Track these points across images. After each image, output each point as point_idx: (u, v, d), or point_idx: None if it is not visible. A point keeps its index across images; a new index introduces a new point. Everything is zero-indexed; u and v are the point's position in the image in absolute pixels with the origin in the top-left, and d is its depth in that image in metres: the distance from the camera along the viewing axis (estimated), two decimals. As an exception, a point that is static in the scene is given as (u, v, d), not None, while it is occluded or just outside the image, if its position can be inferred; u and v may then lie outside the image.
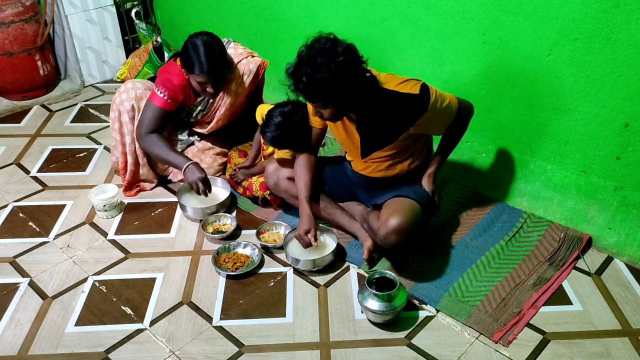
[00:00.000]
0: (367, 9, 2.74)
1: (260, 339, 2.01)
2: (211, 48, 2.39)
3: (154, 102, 2.53)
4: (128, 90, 2.61)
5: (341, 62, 1.88)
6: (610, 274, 2.27)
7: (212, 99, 2.62)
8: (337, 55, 1.88)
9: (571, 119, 2.27)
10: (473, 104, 2.36)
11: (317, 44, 1.91)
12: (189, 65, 2.42)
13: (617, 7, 1.99)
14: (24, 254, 2.41)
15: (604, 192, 2.31)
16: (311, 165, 2.33)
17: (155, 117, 2.54)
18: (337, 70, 1.87)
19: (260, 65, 2.66)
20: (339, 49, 1.89)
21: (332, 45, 1.90)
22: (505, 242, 2.39)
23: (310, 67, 1.87)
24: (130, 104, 2.60)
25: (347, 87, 1.93)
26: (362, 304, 2.02)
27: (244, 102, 2.71)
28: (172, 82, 2.51)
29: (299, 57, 1.93)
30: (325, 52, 1.88)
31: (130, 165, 2.68)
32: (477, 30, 2.39)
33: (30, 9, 3.42)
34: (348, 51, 1.91)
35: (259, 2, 3.27)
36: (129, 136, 2.63)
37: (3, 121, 3.44)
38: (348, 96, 1.96)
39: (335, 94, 1.93)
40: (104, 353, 1.96)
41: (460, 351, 1.95)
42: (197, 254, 2.41)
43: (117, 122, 2.63)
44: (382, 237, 2.10)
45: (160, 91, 2.51)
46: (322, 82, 1.88)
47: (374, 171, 2.23)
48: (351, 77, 1.92)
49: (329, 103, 1.97)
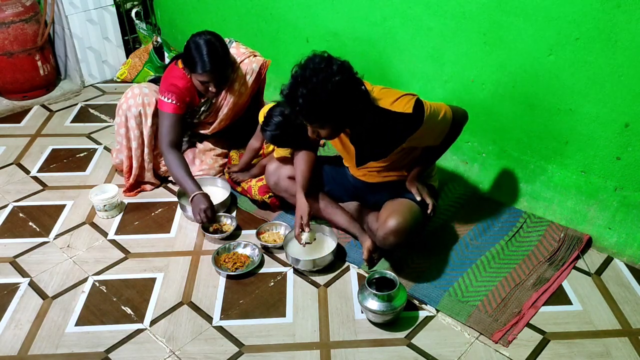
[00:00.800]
0: (367, 9, 2.74)
1: (260, 339, 2.01)
2: (214, 47, 2.39)
3: (165, 110, 2.53)
4: (135, 96, 2.60)
5: (337, 82, 1.83)
6: (610, 274, 2.27)
7: (215, 98, 2.61)
8: (332, 75, 1.83)
9: (571, 119, 2.27)
10: (473, 104, 2.37)
11: (311, 63, 1.86)
12: (192, 65, 2.41)
13: (618, 7, 1.99)
14: (24, 254, 2.41)
15: (604, 192, 2.31)
16: (311, 161, 2.32)
17: (171, 124, 2.54)
18: (333, 91, 1.83)
19: (263, 65, 2.66)
20: (334, 68, 1.84)
21: (327, 65, 1.85)
22: (505, 242, 2.39)
23: (306, 88, 1.82)
24: (137, 110, 2.59)
25: (343, 106, 1.89)
26: (362, 304, 2.02)
27: (246, 102, 2.71)
28: (177, 86, 2.51)
29: (293, 79, 1.87)
30: (321, 72, 1.83)
31: (135, 169, 2.69)
32: (478, 31, 2.39)
33: (30, 9, 3.42)
34: (343, 69, 1.87)
35: (259, 2, 3.27)
36: (136, 142, 2.63)
37: (3, 121, 3.44)
38: (345, 115, 1.93)
39: (332, 114, 1.90)
40: (104, 353, 1.96)
41: (460, 351, 1.95)
42: (197, 254, 2.41)
43: (123, 127, 2.62)
44: (381, 237, 2.10)
45: (167, 97, 2.51)
46: (319, 103, 1.84)
47: (371, 178, 2.24)
48: (347, 96, 1.88)
49: (326, 123, 1.94)
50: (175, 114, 2.52)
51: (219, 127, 2.71)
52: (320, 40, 3.02)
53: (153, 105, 2.60)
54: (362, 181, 2.28)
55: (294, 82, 1.86)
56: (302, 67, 1.87)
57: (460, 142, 2.67)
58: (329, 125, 1.95)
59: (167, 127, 2.53)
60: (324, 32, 2.98)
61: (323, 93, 1.82)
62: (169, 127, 2.53)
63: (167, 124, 2.53)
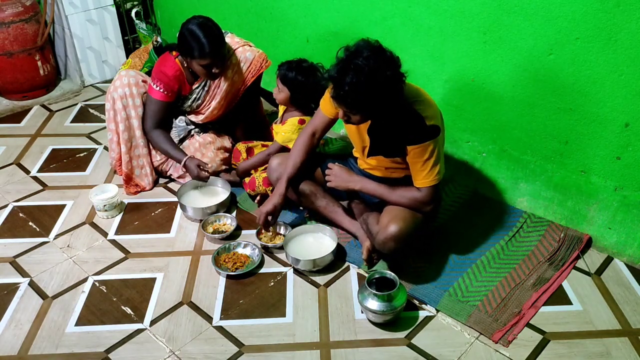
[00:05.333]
0: (367, 9, 2.73)
1: (260, 339, 2.01)
2: (208, 29, 2.44)
3: (153, 96, 2.64)
4: (121, 77, 2.69)
5: (387, 77, 1.83)
6: (610, 274, 2.26)
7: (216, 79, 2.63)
8: (384, 68, 1.82)
9: (571, 118, 2.27)
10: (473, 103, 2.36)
11: (365, 51, 1.84)
12: (190, 52, 2.44)
13: (618, 6, 1.99)
14: (24, 254, 2.41)
15: (604, 192, 2.31)
16: (307, 149, 2.30)
17: (156, 110, 2.66)
18: (382, 85, 1.82)
19: (257, 57, 2.66)
20: (386, 62, 1.84)
21: (380, 56, 1.84)
22: (505, 242, 2.39)
23: (357, 77, 1.81)
24: (123, 91, 2.66)
25: (386, 100, 1.89)
26: (362, 304, 2.02)
27: (239, 91, 2.70)
28: (166, 74, 2.58)
29: (345, 63, 1.85)
30: (373, 62, 1.81)
31: (124, 154, 2.71)
32: (478, 30, 2.39)
33: (30, 9, 3.42)
34: (394, 65, 1.86)
35: (259, 1, 3.27)
36: (123, 124, 2.68)
37: (3, 121, 3.44)
38: (383, 108, 1.93)
39: (373, 105, 1.90)
40: (104, 353, 1.96)
41: (460, 351, 1.95)
42: (197, 254, 2.41)
43: (111, 110, 2.69)
44: (381, 242, 2.10)
45: (156, 85, 2.61)
46: (365, 94, 1.84)
47: (376, 170, 2.23)
48: (393, 92, 1.88)
49: (362, 111, 1.93)
50: (161, 101, 2.63)
51: (212, 115, 2.73)
52: (320, 40, 3.02)
53: (139, 87, 2.69)
54: (366, 174, 2.27)
55: (345, 67, 1.85)
56: (355, 54, 1.86)
57: (460, 142, 2.67)
58: (363, 113, 1.95)
59: (153, 111, 2.67)
60: (324, 31, 2.98)
61: (372, 85, 1.82)
62: (155, 111, 2.67)
63: (153, 108, 2.67)
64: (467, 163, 2.70)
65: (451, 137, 2.68)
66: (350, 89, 1.84)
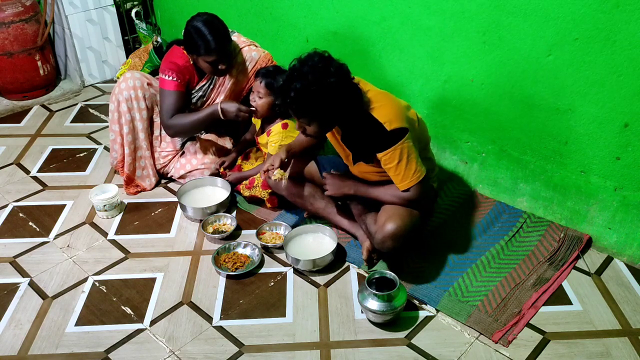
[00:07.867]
0: (367, 9, 2.73)
1: (260, 339, 2.01)
2: (214, 26, 2.44)
3: (166, 88, 2.57)
4: (127, 79, 2.65)
5: (331, 84, 1.88)
6: (610, 274, 2.27)
7: (223, 76, 2.63)
8: (328, 75, 1.87)
9: (571, 119, 2.27)
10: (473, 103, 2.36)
11: (310, 60, 1.90)
12: (196, 49, 2.45)
13: (617, 7, 1.99)
14: (24, 254, 2.41)
15: (604, 192, 2.31)
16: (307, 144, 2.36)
17: (173, 101, 2.58)
18: (325, 91, 1.87)
19: (263, 57, 2.68)
20: (332, 69, 1.89)
21: (325, 65, 1.89)
22: (505, 242, 2.39)
23: (300, 83, 1.87)
24: (128, 93, 2.63)
25: (332, 108, 1.93)
26: (362, 304, 2.02)
27: (243, 90, 2.71)
28: (177, 64, 2.56)
29: (290, 71, 1.92)
30: (318, 70, 1.87)
31: (127, 156, 2.69)
32: (477, 30, 2.39)
33: (30, 9, 3.42)
34: (340, 72, 1.91)
35: (259, 1, 3.27)
36: (127, 126, 2.66)
37: (3, 121, 3.44)
38: (332, 116, 1.97)
39: (320, 113, 1.94)
40: (104, 353, 1.96)
41: (460, 351, 1.95)
42: (197, 254, 2.41)
43: (116, 112, 2.66)
44: (379, 241, 2.10)
45: (167, 75, 2.55)
46: (309, 100, 1.89)
47: (368, 175, 2.24)
48: (338, 99, 1.92)
49: (313, 120, 1.97)
50: (177, 90, 2.56)
51: None
52: (320, 40, 3.01)
53: (144, 89, 2.65)
54: (362, 179, 2.28)
55: (290, 75, 1.91)
56: (301, 62, 1.92)
57: (459, 142, 2.67)
58: (315, 123, 1.98)
59: (169, 105, 2.57)
60: (324, 31, 2.98)
61: (315, 91, 1.87)
62: (170, 103, 2.57)
63: (169, 101, 2.57)
64: (466, 163, 2.70)
65: (450, 137, 2.68)
66: (294, 96, 1.89)
